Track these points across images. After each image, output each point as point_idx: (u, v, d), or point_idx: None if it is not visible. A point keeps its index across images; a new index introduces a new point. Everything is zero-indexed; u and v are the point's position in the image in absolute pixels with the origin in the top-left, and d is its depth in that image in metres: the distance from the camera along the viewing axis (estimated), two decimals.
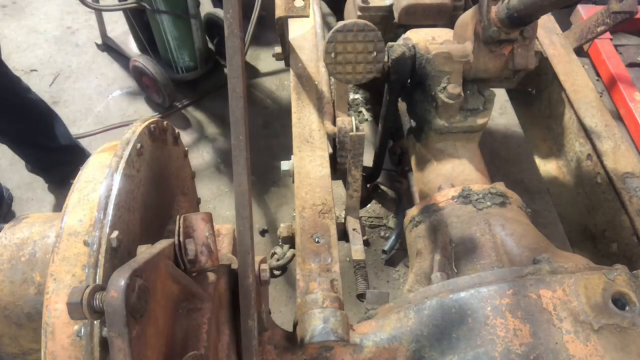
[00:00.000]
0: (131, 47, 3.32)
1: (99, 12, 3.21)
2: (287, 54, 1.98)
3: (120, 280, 0.60)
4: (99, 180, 0.89)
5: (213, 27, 3.27)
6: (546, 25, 1.95)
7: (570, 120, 1.68)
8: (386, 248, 2.51)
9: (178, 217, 0.86)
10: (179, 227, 0.83)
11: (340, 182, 1.83)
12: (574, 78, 1.74)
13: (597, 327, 0.93)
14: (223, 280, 0.97)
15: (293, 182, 1.47)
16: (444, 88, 1.47)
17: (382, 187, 2.69)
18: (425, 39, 1.60)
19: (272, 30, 3.52)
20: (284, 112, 3.21)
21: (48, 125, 2.53)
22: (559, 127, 1.76)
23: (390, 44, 1.49)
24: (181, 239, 0.82)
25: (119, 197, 0.81)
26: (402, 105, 1.83)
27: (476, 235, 1.26)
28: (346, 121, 1.53)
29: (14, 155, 2.66)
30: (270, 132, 3.14)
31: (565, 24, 2.44)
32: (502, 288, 0.99)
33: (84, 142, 2.90)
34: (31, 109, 2.41)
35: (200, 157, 3.01)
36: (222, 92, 3.22)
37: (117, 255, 0.77)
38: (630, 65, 3.37)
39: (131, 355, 0.60)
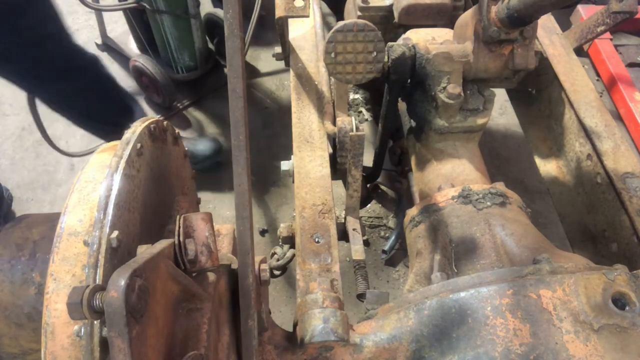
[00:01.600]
0: (131, 47, 3.32)
1: (99, 12, 3.21)
2: (287, 54, 1.98)
3: (120, 280, 0.60)
4: (99, 180, 0.89)
5: (213, 27, 3.27)
6: (546, 25, 1.95)
7: (570, 120, 1.68)
8: (386, 248, 2.51)
9: (178, 217, 0.85)
10: (179, 227, 0.83)
11: (340, 182, 1.83)
12: (574, 78, 1.74)
13: (597, 327, 0.93)
14: (223, 280, 0.97)
15: (293, 182, 1.47)
16: (444, 88, 1.47)
17: (382, 187, 2.70)
18: (425, 39, 1.60)
19: (272, 30, 3.52)
20: (284, 112, 3.21)
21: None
22: (559, 127, 1.76)
23: (390, 44, 1.49)
24: (181, 239, 0.82)
25: (119, 197, 0.81)
26: (402, 105, 1.83)
27: (476, 235, 1.26)
28: (346, 121, 1.53)
29: (14, 155, 2.65)
30: (270, 132, 3.13)
31: (565, 24, 2.44)
32: (502, 288, 0.99)
33: (83, 146, 2.90)
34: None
35: None
36: (222, 92, 3.22)
37: (117, 255, 0.77)
38: (630, 65, 3.37)
39: (131, 355, 0.60)
